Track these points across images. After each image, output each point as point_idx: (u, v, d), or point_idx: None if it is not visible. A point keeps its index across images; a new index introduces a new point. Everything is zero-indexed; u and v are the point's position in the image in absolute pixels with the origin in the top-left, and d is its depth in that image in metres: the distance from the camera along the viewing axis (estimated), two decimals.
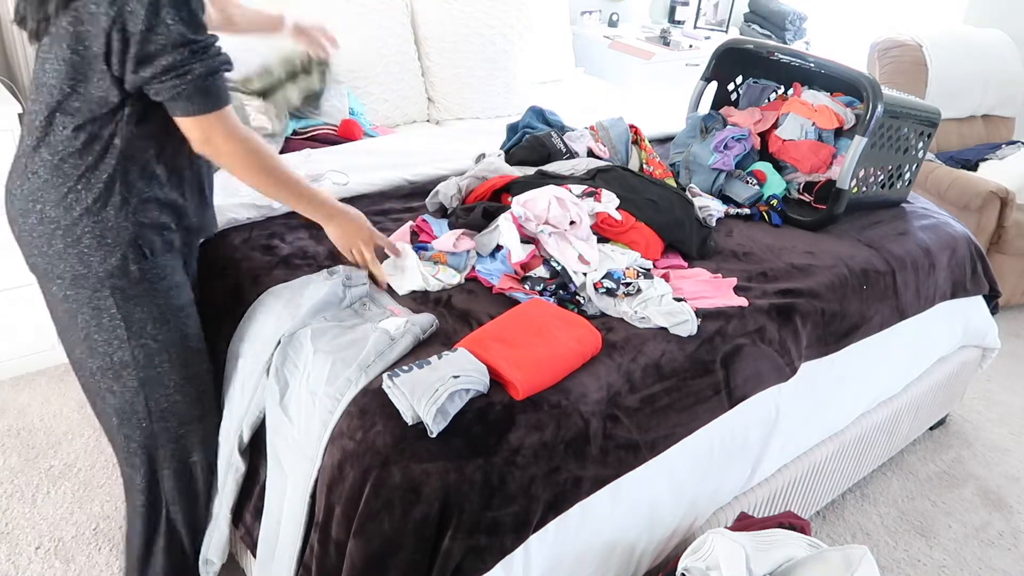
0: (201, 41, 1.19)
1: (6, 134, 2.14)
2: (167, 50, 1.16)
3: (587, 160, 2.05)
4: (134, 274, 1.33)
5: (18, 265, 2.27)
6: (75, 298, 1.33)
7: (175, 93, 1.20)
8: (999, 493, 2.30)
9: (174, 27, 1.15)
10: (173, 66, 1.17)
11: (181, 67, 1.17)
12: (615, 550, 1.48)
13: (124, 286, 1.33)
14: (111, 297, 1.33)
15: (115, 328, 1.35)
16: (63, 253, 1.29)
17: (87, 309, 1.34)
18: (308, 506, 1.35)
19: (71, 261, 1.30)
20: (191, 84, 1.19)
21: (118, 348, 1.37)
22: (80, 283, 1.32)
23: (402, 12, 2.74)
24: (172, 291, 1.40)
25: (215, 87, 1.22)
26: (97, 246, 1.29)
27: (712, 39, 4.03)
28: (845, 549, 1.30)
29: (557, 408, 1.34)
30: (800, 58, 2.26)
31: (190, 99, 1.20)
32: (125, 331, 1.36)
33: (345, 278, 1.55)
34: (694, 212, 1.89)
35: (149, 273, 1.35)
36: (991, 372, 2.87)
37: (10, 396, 2.35)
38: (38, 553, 1.84)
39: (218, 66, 1.22)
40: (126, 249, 1.31)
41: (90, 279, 1.31)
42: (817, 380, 1.81)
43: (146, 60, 1.16)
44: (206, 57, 1.20)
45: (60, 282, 1.32)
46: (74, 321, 1.36)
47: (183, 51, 1.17)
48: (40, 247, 1.31)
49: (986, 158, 3.46)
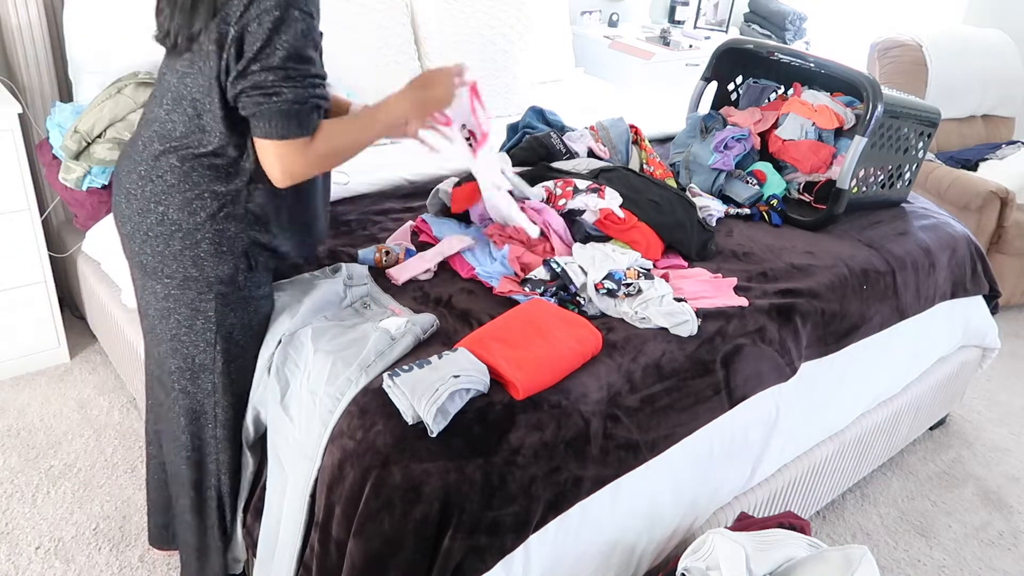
0: (301, 70, 1.20)
1: (6, 134, 2.14)
2: (265, 70, 1.19)
3: (588, 160, 2.05)
4: (240, 283, 1.38)
5: (18, 265, 2.28)
6: (178, 298, 1.37)
7: (257, 111, 1.21)
8: (999, 493, 2.30)
9: (280, 52, 1.18)
10: (263, 84, 1.19)
11: (271, 87, 1.19)
12: (615, 550, 1.48)
13: (228, 292, 1.38)
14: (213, 301, 1.37)
15: (207, 331, 1.40)
16: (178, 255, 1.33)
17: (185, 310, 1.38)
18: (308, 506, 1.35)
19: (185, 263, 1.34)
20: (275, 105, 1.20)
21: (203, 350, 1.41)
22: (188, 285, 1.36)
23: (402, 12, 2.74)
24: (263, 301, 1.46)
25: (299, 115, 1.22)
26: (214, 252, 1.33)
27: (712, 39, 4.03)
28: (845, 549, 1.30)
29: (557, 408, 1.34)
30: (800, 58, 2.26)
31: (270, 120, 1.21)
32: (215, 335, 1.40)
33: (347, 277, 1.55)
34: (696, 215, 1.89)
35: (250, 282, 1.40)
36: (991, 372, 2.87)
37: (10, 396, 2.35)
38: (38, 553, 1.84)
39: (309, 97, 1.22)
40: (238, 259, 1.36)
41: (200, 282, 1.35)
42: (817, 380, 1.81)
43: (244, 74, 1.20)
44: (299, 86, 1.20)
45: (168, 281, 1.36)
46: (166, 320, 1.40)
47: (279, 73, 1.19)
48: (154, 246, 1.34)
49: (986, 158, 3.46)
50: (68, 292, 2.68)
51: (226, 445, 1.52)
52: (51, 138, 2.20)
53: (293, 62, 1.19)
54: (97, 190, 2.16)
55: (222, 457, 1.52)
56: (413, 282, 1.64)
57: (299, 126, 1.23)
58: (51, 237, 2.55)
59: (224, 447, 1.51)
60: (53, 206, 2.53)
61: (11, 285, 2.30)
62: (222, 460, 1.52)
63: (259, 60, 1.18)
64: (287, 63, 1.19)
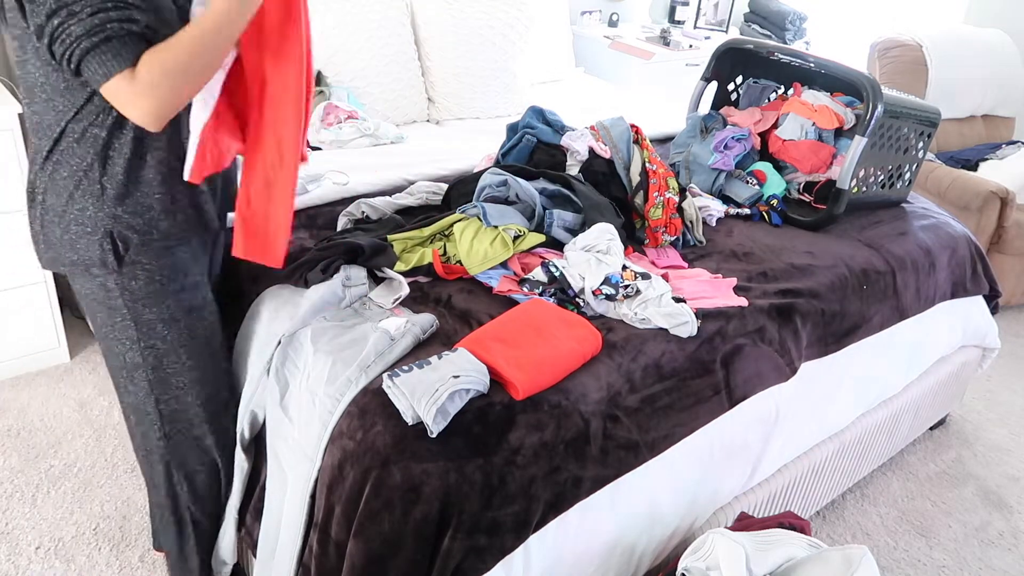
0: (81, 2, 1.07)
1: (6, 134, 2.14)
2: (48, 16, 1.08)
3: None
4: (111, 265, 1.30)
5: (18, 265, 2.28)
6: (93, 297, 1.35)
7: (64, 58, 1.10)
8: (999, 493, 2.30)
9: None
10: (56, 34, 1.08)
11: (59, 31, 1.08)
12: (615, 550, 1.48)
13: (135, 288, 1.34)
14: (120, 298, 1.34)
15: (127, 328, 1.37)
16: (60, 240, 1.29)
17: (104, 308, 1.36)
18: (308, 506, 1.35)
19: (65, 248, 1.30)
20: (74, 48, 1.08)
21: (130, 348, 1.39)
22: (75, 272, 1.33)
23: (402, 12, 2.74)
24: (185, 295, 1.40)
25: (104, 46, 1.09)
26: (80, 233, 1.28)
27: (712, 39, 4.03)
28: (845, 549, 1.30)
29: (557, 408, 1.34)
30: (800, 58, 2.26)
31: (87, 66, 1.09)
32: (135, 331, 1.37)
33: (345, 278, 1.55)
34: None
35: (160, 274, 1.35)
36: (991, 372, 2.87)
37: (10, 396, 2.35)
38: (38, 553, 1.84)
39: (100, 24, 1.08)
40: (103, 240, 1.28)
41: (78, 266, 1.31)
42: (817, 380, 1.81)
43: (40, 33, 1.09)
44: (86, 16, 1.07)
45: (64, 269, 1.33)
46: (94, 321, 1.39)
47: (61, 14, 1.07)
48: (47, 239, 1.31)
49: (986, 158, 3.46)
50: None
51: (179, 442, 1.49)
52: None
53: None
54: None
55: (177, 456, 1.50)
56: (413, 282, 1.64)
57: (114, 57, 1.09)
58: None
59: (177, 444, 1.49)
60: None
61: (11, 285, 2.30)
62: (178, 460, 1.51)
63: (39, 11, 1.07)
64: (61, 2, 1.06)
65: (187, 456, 1.52)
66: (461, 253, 1.65)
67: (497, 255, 1.63)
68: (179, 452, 1.50)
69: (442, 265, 1.65)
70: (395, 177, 2.08)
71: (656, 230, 1.90)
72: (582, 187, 1.86)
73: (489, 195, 1.84)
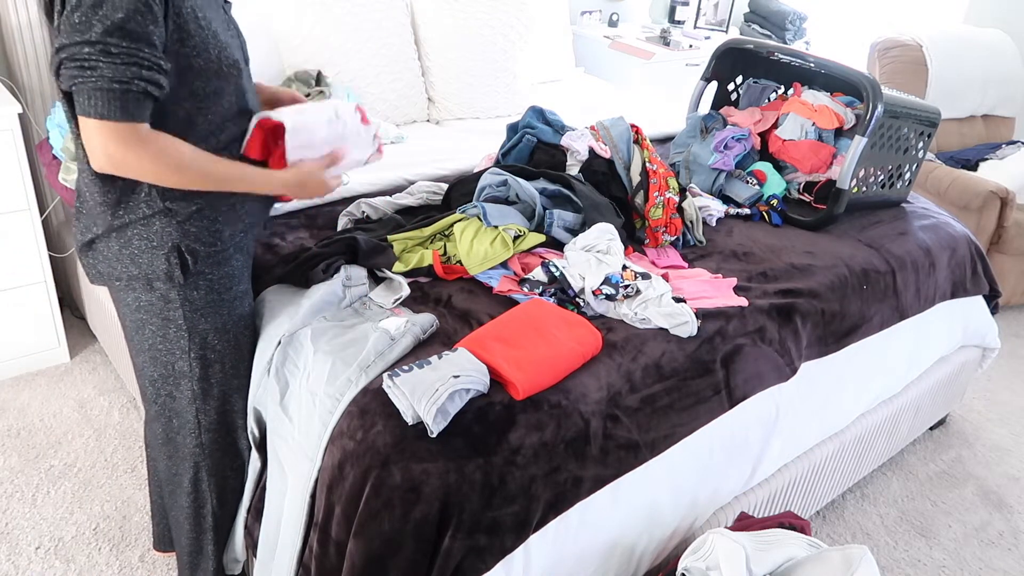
0: (125, 48, 1.11)
1: (6, 134, 2.14)
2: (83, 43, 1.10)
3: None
4: (176, 279, 1.33)
5: (18, 265, 2.28)
6: (147, 308, 1.35)
7: (72, 84, 1.12)
8: (999, 493, 2.30)
9: (98, 26, 1.09)
10: (79, 56, 1.10)
11: (86, 59, 1.10)
12: (615, 550, 1.48)
13: (196, 298, 1.36)
14: (180, 309, 1.35)
15: (179, 339, 1.38)
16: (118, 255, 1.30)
17: (156, 320, 1.36)
18: (308, 506, 1.35)
19: (125, 262, 1.31)
20: (91, 81, 1.11)
21: (180, 358, 1.40)
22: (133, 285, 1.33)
23: (402, 12, 2.74)
24: (236, 302, 1.43)
25: (122, 97, 1.12)
26: (145, 248, 1.30)
27: (712, 39, 4.03)
28: (845, 549, 1.30)
29: (557, 408, 1.34)
30: (800, 58, 2.26)
31: (89, 96, 1.12)
32: (188, 342, 1.39)
33: (345, 278, 1.55)
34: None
35: (218, 284, 1.38)
36: (991, 372, 2.87)
37: (10, 396, 2.35)
38: (38, 553, 1.84)
39: (134, 78, 1.12)
40: (170, 254, 1.30)
41: (140, 280, 1.32)
42: (817, 380, 1.81)
43: (63, 46, 1.11)
44: (120, 63, 1.11)
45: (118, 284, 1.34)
46: (141, 331, 1.38)
47: (96, 47, 1.10)
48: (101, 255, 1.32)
49: (986, 158, 3.46)
50: (68, 292, 2.68)
51: (214, 449, 1.50)
52: (51, 138, 2.20)
53: (115, 38, 1.09)
54: None
55: (211, 462, 1.51)
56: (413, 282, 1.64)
57: (121, 109, 1.12)
58: (51, 237, 2.56)
59: (212, 452, 1.50)
60: (53, 206, 2.53)
61: (11, 285, 2.30)
62: (211, 465, 1.52)
63: (74, 36, 1.09)
64: (106, 38, 1.09)
65: (221, 461, 1.53)
66: (461, 253, 1.65)
67: (497, 255, 1.63)
68: (214, 458, 1.51)
69: (442, 265, 1.65)
70: (395, 177, 2.08)
71: (656, 230, 1.90)
72: (582, 187, 1.86)
73: (489, 195, 1.84)
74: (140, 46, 1.12)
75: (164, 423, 1.49)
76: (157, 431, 1.51)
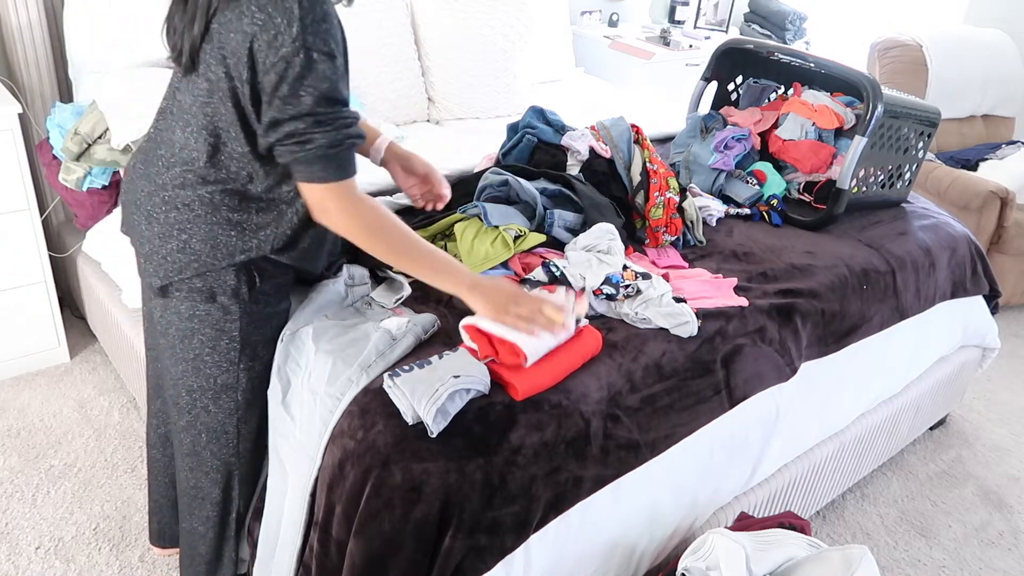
0: (332, 112, 1.18)
1: (6, 134, 2.14)
2: (294, 119, 1.16)
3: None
4: (244, 295, 1.34)
5: (18, 265, 2.28)
6: (203, 319, 1.34)
7: (294, 159, 1.20)
8: (999, 493, 2.30)
9: (307, 99, 1.15)
10: (295, 133, 1.17)
11: (303, 135, 1.17)
12: (616, 550, 1.48)
13: (254, 311, 1.37)
14: (239, 320, 1.35)
15: (231, 351, 1.38)
16: (193, 275, 1.31)
17: (210, 330, 1.35)
18: (308, 505, 1.35)
19: (192, 278, 1.32)
20: (311, 152, 1.18)
21: (226, 370, 1.39)
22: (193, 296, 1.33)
23: (402, 12, 2.74)
24: (283, 315, 1.45)
25: (337, 158, 1.20)
26: (233, 276, 1.32)
27: (712, 39, 4.03)
28: (845, 549, 1.30)
29: (558, 408, 1.34)
30: (800, 58, 2.26)
31: (309, 165, 1.20)
32: (239, 354, 1.38)
33: (348, 277, 1.55)
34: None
35: (271, 298, 1.39)
36: (991, 372, 2.87)
37: (10, 396, 2.35)
38: (38, 553, 1.84)
39: (342, 139, 1.20)
40: (240, 271, 1.32)
41: (203, 293, 1.33)
42: (817, 380, 1.81)
43: (274, 126, 1.18)
44: (332, 128, 1.18)
45: (178, 295, 1.33)
46: (188, 341, 1.37)
47: (308, 120, 1.16)
48: (168, 270, 1.32)
49: (986, 158, 3.46)
50: (68, 292, 2.68)
51: (249, 458, 1.50)
52: (51, 138, 2.20)
53: (323, 106, 1.17)
54: (97, 190, 2.16)
55: (243, 471, 1.51)
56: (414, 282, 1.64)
57: (338, 168, 1.21)
58: (51, 237, 2.56)
59: (247, 460, 1.50)
60: (53, 206, 2.54)
61: (11, 285, 2.30)
62: (243, 473, 1.51)
63: (287, 110, 1.16)
64: (316, 108, 1.16)
65: (253, 466, 1.52)
66: (462, 253, 1.65)
67: (498, 255, 1.63)
68: (248, 464, 1.51)
69: None
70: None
71: (657, 230, 1.90)
72: (583, 187, 1.87)
73: (490, 195, 1.84)
74: (340, 108, 1.20)
75: (194, 435, 1.46)
76: (185, 441, 1.48)
